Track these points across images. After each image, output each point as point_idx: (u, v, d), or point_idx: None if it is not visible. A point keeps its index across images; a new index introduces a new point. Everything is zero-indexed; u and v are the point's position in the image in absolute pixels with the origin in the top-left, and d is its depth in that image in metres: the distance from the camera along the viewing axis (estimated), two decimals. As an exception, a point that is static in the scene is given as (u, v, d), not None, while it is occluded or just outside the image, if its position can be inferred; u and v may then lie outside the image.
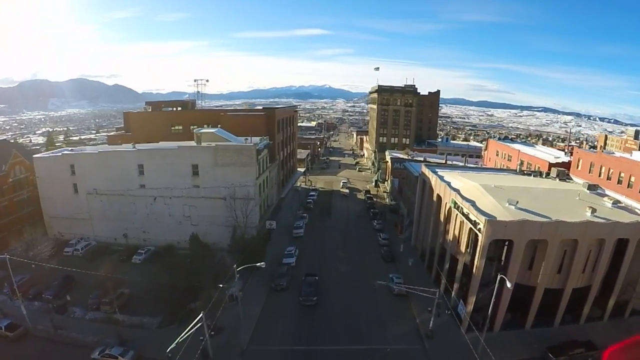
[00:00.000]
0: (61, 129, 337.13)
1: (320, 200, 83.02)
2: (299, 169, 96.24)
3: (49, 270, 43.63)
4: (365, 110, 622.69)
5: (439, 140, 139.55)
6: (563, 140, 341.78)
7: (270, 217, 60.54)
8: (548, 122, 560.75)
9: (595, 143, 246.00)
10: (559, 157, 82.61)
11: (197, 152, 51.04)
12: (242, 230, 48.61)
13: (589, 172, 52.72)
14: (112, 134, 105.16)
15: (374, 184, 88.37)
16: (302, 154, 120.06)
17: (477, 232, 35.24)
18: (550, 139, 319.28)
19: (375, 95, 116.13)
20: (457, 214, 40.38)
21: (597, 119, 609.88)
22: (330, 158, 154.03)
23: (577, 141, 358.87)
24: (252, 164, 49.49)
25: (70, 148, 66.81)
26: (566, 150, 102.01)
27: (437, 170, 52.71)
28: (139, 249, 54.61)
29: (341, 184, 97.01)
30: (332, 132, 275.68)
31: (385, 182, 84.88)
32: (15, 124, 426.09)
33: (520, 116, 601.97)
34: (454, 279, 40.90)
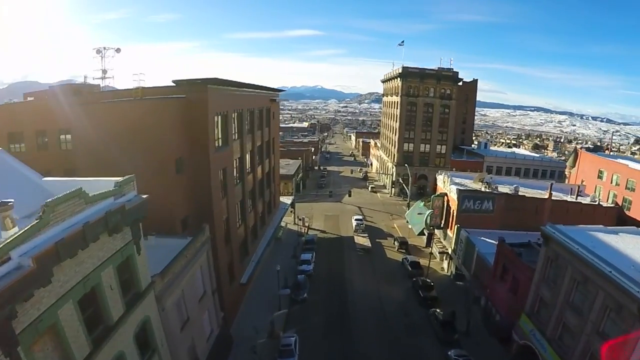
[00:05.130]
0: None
1: (323, 270, 41.59)
2: (283, 199, 54.94)
3: None
4: (357, 111, 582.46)
5: (474, 146, 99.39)
6: (570, 142, 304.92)
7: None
8: (542, 121, 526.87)
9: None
10: None
11: None
12: None
13: None
14: None
15: (420, 231, 47.02)
16: (288, 166, 78.74)
17: None
18: (562, 140, 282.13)
19: (398, 82, 74.89)
20: None
21: (590, 118, 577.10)
22: (329, 168, 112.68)
23: (577, 141, 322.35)
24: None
25: None
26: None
27: None
28: None
29: (354, 223, 55.85)
30: (326, 134, 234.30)
31: (442, 231, 43.52)
32: None
33: (514, 116, 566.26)
34: None
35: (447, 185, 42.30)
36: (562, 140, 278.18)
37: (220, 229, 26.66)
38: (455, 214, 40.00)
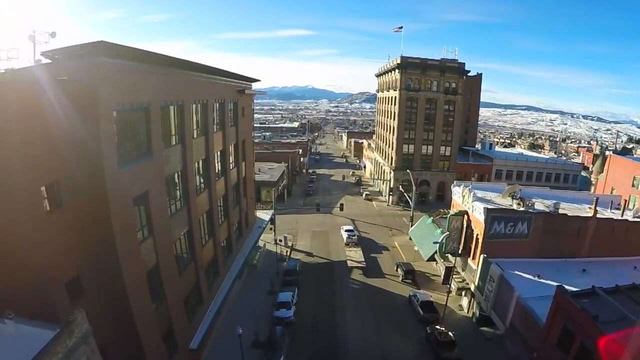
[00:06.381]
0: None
1: (307, 315, 31.64)
2: (260, 214, 45.27)
3: None
4: (349, 111, 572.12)
5: (478, 147, 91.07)
6: (564, 141, 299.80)
7: None
8: (533, 120, 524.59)
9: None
10: None
11: None
12: None
13: None
14: None
15: (429, 256, 37.64)
16: (272, 171, 69.11)
17: None
18: (558, 139, 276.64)
19: (396, 74, 65.60)
20: None
21: (580, 116, 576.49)
22: (318, 172, 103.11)
23: (570, 140, 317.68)
24: None
25: None
26: None
27: None
28: None
29: (344, 235, 47.16)
30: (316, 134, 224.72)
31: (459, 259, 34.03)
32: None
33: (505, 115, 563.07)
34: None
35: (468, 201, 33.02)
36: (557, 139, 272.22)
37: (139, 290, 16.84)
38: (480, 240, 30.75)
